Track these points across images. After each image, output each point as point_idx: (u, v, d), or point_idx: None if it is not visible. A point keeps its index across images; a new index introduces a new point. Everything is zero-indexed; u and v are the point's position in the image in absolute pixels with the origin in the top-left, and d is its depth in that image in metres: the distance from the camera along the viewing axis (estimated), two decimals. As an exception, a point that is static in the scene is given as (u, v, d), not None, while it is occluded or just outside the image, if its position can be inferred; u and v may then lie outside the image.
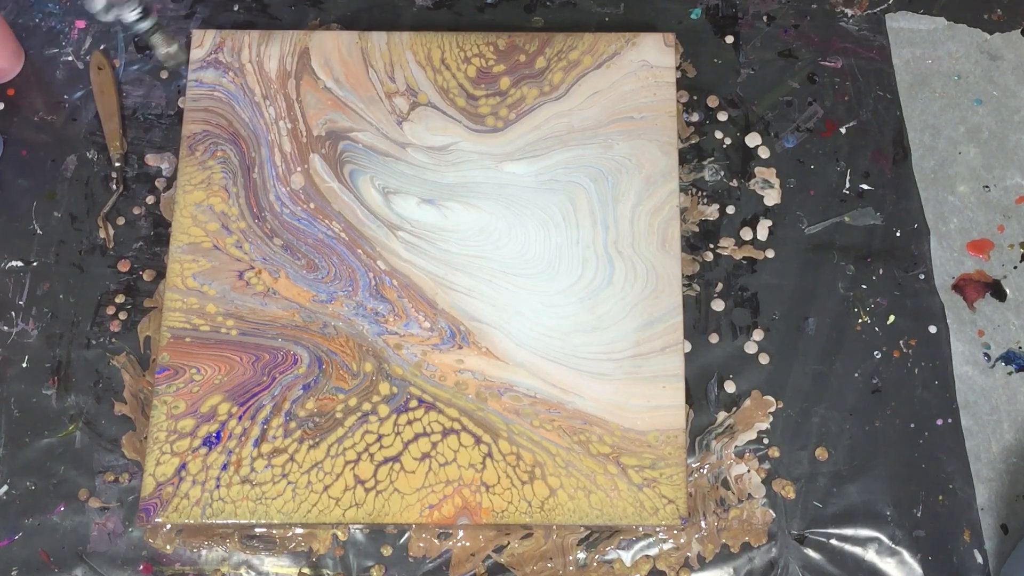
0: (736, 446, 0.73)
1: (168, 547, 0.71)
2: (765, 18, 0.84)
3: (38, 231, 0.78)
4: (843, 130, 0.81)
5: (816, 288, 0.77)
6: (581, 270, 0.75)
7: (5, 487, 0.72)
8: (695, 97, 0.82)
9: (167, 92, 0.82)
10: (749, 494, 0.72)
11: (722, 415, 0.74)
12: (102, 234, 0.78)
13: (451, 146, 0.78)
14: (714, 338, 0.76)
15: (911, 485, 0.73)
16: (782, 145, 0.81)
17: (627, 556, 0.71)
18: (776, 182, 0.80)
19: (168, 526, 0.71)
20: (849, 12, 0.85)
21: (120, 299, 0.77)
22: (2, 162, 0.80)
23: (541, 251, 0.75)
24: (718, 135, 0.81)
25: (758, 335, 0.76)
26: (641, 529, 0.71)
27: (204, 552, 0.71)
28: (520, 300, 0.74)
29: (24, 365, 0.75)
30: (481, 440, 0.71)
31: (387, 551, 0.71)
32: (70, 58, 0.83)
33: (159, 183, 0.80)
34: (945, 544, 0.72)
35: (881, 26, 0.84)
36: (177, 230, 0.76)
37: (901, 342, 0.76)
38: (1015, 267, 0.78)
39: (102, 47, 0.83)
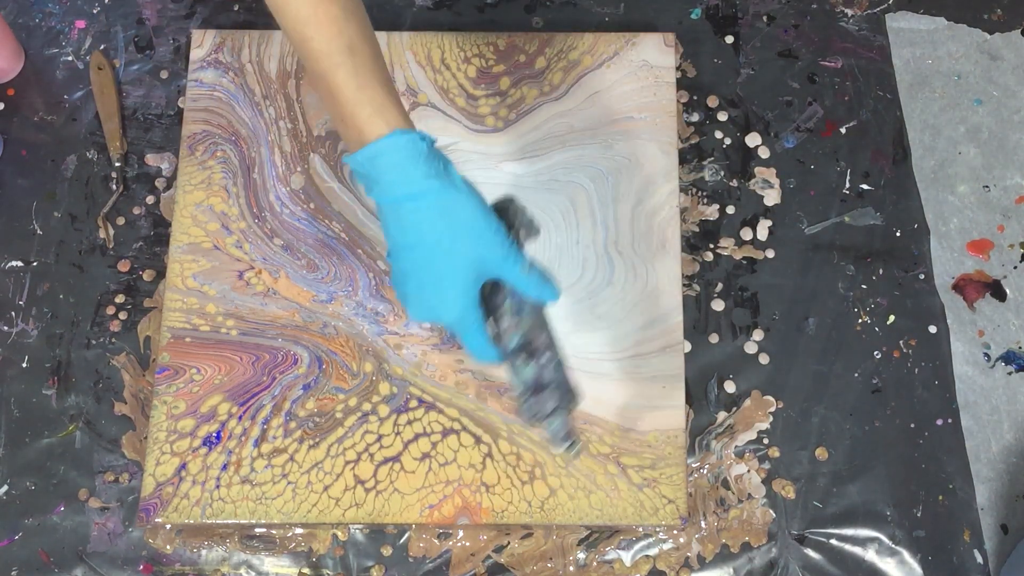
0: (736, 446, 0.73)
1: (168, 547, 0.71)
2: (765, 18, 0.84)
3: (38, 231, 0.78)
4: (843, 130, 0.81)
5: (816, 288, 0.77)
6: (581, 270, 0.75)
7: (5, 487, 0.72)
8: (695, 97, 0.82)
9: (167, 92, 0.82)
10: (749, 494, 0.72)
11: (722, 415, 0.74)
12: (102, 234, 0.78)
13: (451, 146, 0.78)
14: (714, 338, 0.76)
15: (911, 485, 0.73)
16: (782, 145, 0.81)
17: (627, 556, 0.71)
18: (776, 182, 0.80)
19: (168, 526, 0.71)
20: (849, 12, 0.85)
21: (120, 299, 0.77)
22: (2, 162, 0.80)
23: (541, 251, 0.75)
24: (718, 135, 0.81)
25: (758, 335, 0.76)
26: (641, 529, 0.71)
27: (204, 552, 0.71)
28: (520, 300, 0.74)
29: (24, 365, 0.75)
30: (481, 440, 0.71)
31: (387, 551, 0.71)
32: (70, 58, 0.83)
33: (159, 183, 0.80)
34: (945, 544, 0.72)
35: (881, 26, 0.84)
36: (177, 230, 0.76)
37: (901, 342, 0.76)
38: (1015, 267, 0.78)
39: (102, 47, 0.83)
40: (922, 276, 0.78)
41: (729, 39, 0.84)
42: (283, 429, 0.71)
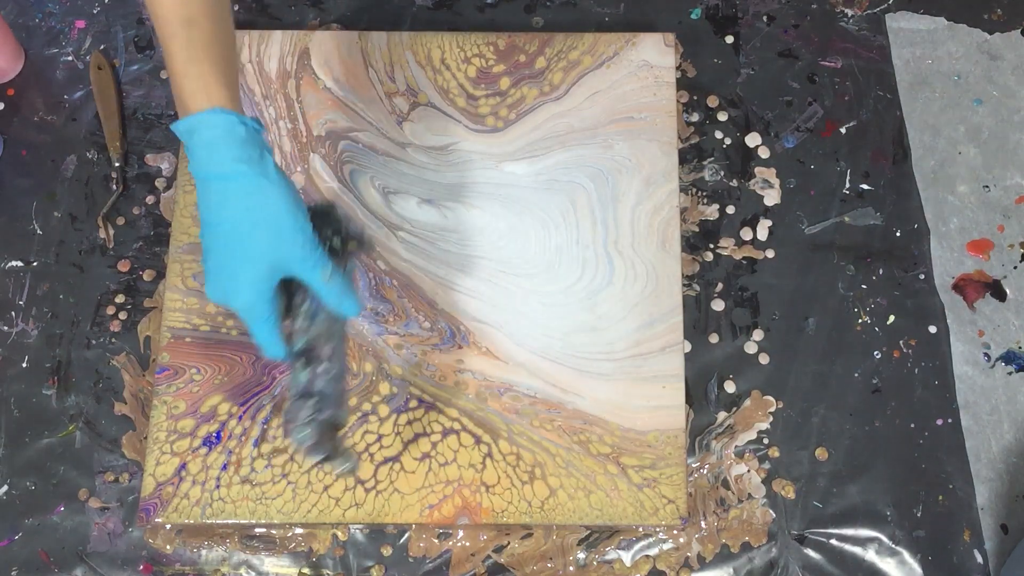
0: (736, 446, 0.73)
1: (168, 547, 0.71)
2: (765, 18, 0.84)
3: (38, 231, 0.78)
4: (843, 130, 0.81)
5: (816, 288, 0.77)
6: (581, 270, 0.75)
7: (5, 487, 0.72)
8: (695, 97, 0.82)
9: (167, 92, 0.82)
10: (749, 494, 0.72)
11: (722, 415, 0.74)
12: (102, 234, 0.78)
13: (451, 146, 0.78)
14: (714, 338, 0.76)
15: (911, 485, 0.73)
16: (782, 145, 0.81)
17: (627, 556, 0.71)
18: (776, 182, 0.80)
19: (168, 526, 0.71)
20: (849, 12, 0.85)
21: (120, 299, 0.77)
22: (2, 162, 0.80)
23: (541, 251, 0.75)
24: (718, 135, 0.81)
25: (758, 335, 0.76)
26: (641, 529, 0.71)
27: (204, 552, 0.71)
28: (520, 300, 0.74)
29: (24, 365, 0.75)
30: (481, 440, 0.71)
31: (387, 551, 0.71)
32: (70, 58, 0.83)
33: (159, 183, 0.80)
34: (945, 544, 0.72)
35: (881, 26, 0.84)
36: (177, 230, 0.76)
37: (901, 342, 0.76)
38: (1015, 267, 0.78)
39: (102, 47, 0.83)
40: (922, 276, 0.78)
41: (729, 39, 0.84)
42: (283, 429, 0.71)
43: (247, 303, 0.57)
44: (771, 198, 0.79)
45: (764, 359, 0.75)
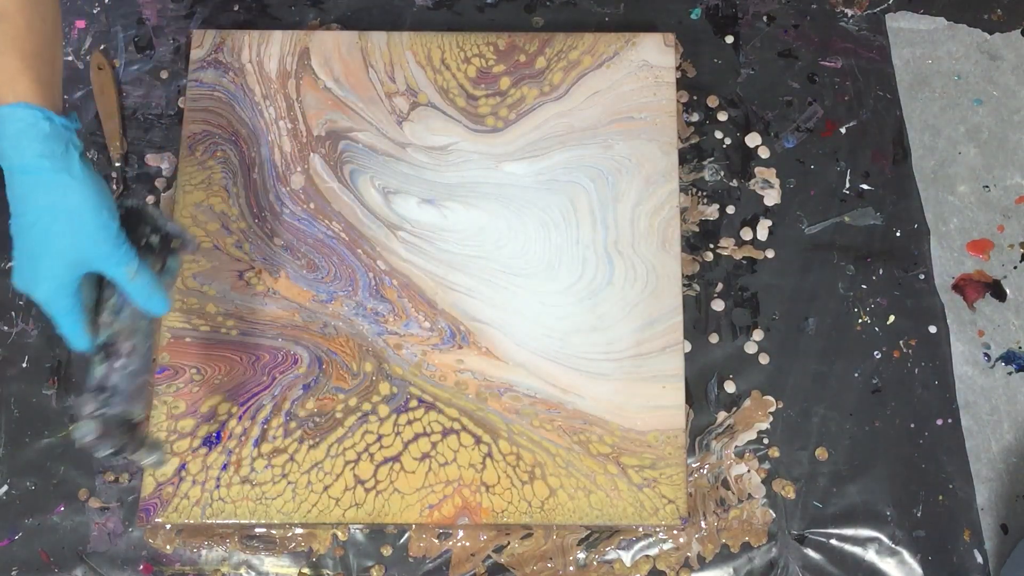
0: (736, 446, 0.73)
1: (168, 547, 0.71)
2: (765, 18, 0.84)
3: (38, 231, 0.78)
4: (843, 130, 0.81)
5: (816, 288, 0.77)
6: (581, 270, 0.75)
7: (5, 487, 0.72)
8: (695, 97, 0.82)
9: (167, 92, 0.82)
10: (749, 494, 0.72)
11: (722, 415, 0.74)
12: (102, 234, 0.78)
13: (451, 146, 0.78)
14: (714, 338, 0.76)
15: (911, 485, 0.73)
16: (782, 145, 0.81)
17: (627, 556, 0.71)
18: (776, 182, 0.80)
19: (168, 526, 0.71)
20: (849, 12, 0.85)
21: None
22: (2, 162, 0.80)
23: (541, 251, 0.75)
24: (718, 135, 0.81)
25: (758, 335, 0.76)
26: (641, 529, 0.71)
27: (204, 552, 0.71)
28: (520, 300, 0.74)
29: (24, 365, 0.75)
30: (481, 440, 0.71)
31: (387, 551, 0.71)
32: (70, 58, 0.83)
33: (159, 183, 0.80)
34: (945, 544, 0.72)
35: (881, 26, 0.84)
36: (177, 230, 0.76)
37: (901, 342, 0.76)
38: (1015, 267, 0.78)
39: (102, 47, 0.83)
40: (922, 276, 0.78)
41: (729, 39, 0.84)
42: (283, 429, 0.71)
43: (48, 295, 0.57)
44: (771, 198, 0.79)
45: (764, 359, 0.75)
